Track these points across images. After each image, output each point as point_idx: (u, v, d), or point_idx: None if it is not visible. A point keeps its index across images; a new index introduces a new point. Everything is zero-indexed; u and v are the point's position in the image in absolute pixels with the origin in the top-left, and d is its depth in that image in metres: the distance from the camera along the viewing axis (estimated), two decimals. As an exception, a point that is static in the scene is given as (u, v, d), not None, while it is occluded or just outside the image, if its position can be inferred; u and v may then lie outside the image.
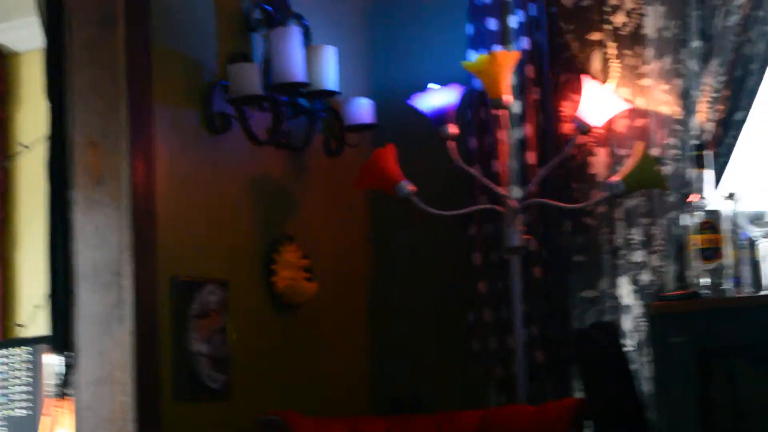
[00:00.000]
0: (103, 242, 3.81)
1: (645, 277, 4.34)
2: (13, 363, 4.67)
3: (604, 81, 4.40)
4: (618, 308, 4.35)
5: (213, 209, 4.12)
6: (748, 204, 3.80)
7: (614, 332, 4.07)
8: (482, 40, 4.61)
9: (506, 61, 4.23)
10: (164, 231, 3.88)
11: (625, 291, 4.35)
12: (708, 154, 3.81)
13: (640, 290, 4.34)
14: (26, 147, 5.87)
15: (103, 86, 3.82)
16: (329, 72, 4.35)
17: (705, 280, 3.73)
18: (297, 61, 4.20)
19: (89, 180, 3.84)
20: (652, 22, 4.39)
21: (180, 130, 4.02)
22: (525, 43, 4.55)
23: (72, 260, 3.84)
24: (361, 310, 4.82)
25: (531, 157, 4.49)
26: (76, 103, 3.86)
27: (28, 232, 6.05)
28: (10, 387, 4.65)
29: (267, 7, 4.35)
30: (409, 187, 4.28)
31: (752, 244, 3.85)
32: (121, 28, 3.83)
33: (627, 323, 4.33)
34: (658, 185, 4.19)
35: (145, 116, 3.87)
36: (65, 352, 3.82)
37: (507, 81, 4.25)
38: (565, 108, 4.49)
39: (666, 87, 4.36)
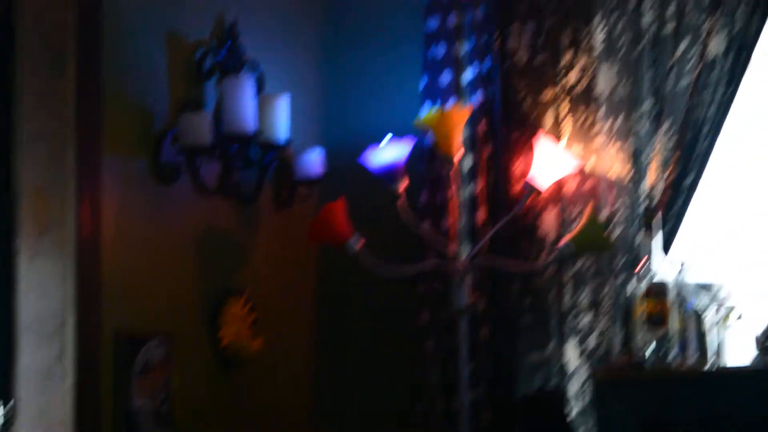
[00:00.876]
0: (46, 293, 3.75)
1: (592, 341, 4.33)
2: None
3: (556, 139, 4.40)
4: (565, 372, 4.33)
5: (160, 260, 4.07)
6: (696, 273, 3.82)
7: (560, 400, 4.06)
8: (435, 94, 4.60)
9: (458, 117, 4.23)
10: (110, 282, 3.83)
11: (572, 355, 4.33)
12: (655, 220, 3.83)
13: (586, 354, 4.32)
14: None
15: (51, 133, 3.76)
16: (281, 122, 4.33)
17: (650, 348, 3.74)
18: (248, 111, 4.17)
19: (34, 229, 3.78)
20: (605, 82, 4.39)
21: (128, 179, 3.97)
22: (478, 98, 4.54)
23: (15, 311, 3.78)
24: (306, 366, 4.77)
25: (481, 215, 4.48)
26: (23, 151, 3.80)
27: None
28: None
29: (220, 54, 4.32)
30: (359, 243, 4.25)
31: (697, 314, 3.87)
32: (72, 74, 3.77)
33: (573, 388, 4.31)
34: (606, 249, 4.18)
35: (93, 165, 3.82)
36: (4, 406, 3.76)
37: (458, 137, 4.24)
38: (517, 166, 4.47)
39: (617, 147, 4.36)
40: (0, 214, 3.84)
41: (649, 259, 3.88)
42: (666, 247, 4.19)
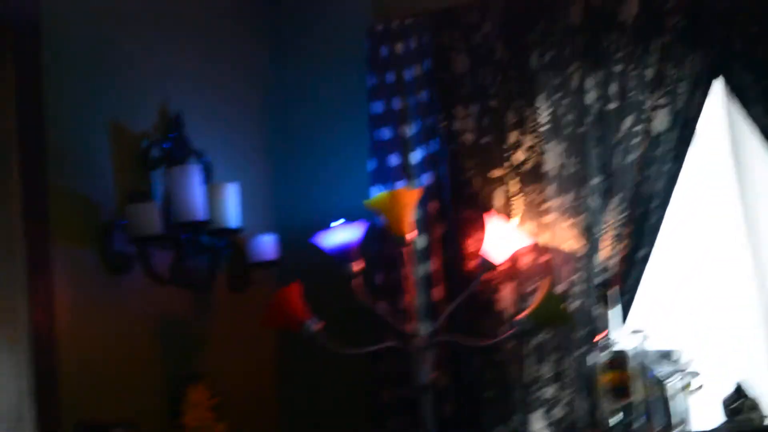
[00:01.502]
0: (2, 388, 3.68)
1: (557, 412, 4.31)
2: None
3: (507, 217, 4.41)
4: (531, 446, 4.32)
5: (117, 350, 4.00)
6: (655, 342, 3.83)
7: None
8: (384, 176, 4.63)
9: (407, 198, 4.24)
10: (67, 374, 3.76)
11: (538, 427, 4.31)
12: (611, 292, 3.84)
13: (552, 426, 4.31)
14: None
15: (-1, 230, 3.73)
16: (231, 209, 4.32)
17: (616, 418, 3.73)
18: (197, 200, 4.15)
19: (-14, 325, 3.72)
20: (553, 159, 4.43)
21: (80, 271, 3.92)
22: (427, 178, 4.56)
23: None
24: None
25: (438, 293, 4.48)
26: (-28, 247, 3.75)
27: None
28: None
29: (166, 144, 4.30)
30: (315, 325, 4.22)
31: (659, 382, 3.87)
32: (17, 170, 3.74)
33: (540, 460, 4.30)
34: (564, 322, 4.19)
35: (42, 259, 3.77)
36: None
37: (409, 218, 4.25)
38: (470, 244, 4.49)
39: (569, 223, 4.38)
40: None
41: (608, 330, 3.88)
42: (624, 318, 4.20)
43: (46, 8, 3.90)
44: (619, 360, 3.82)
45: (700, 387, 3.96)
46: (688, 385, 3.92)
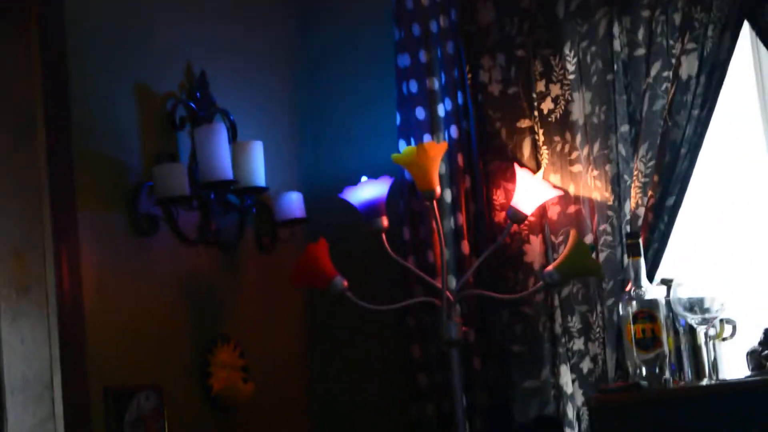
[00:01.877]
0: (31, 354, 3.69)
1: (586, 365, 4.29)
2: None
3: (534, 168, 4.38)
4: (560, 398, 4.29)
5: (144, 313, 4.01)
6: (686, 290, 3.79)
7: (558, 426, 4.02)
8: (411, 130, 4.59)
9: (434, 152, 4.20)
10: (95, 339, 3.77)
11: (567, 380, 4.29)
12: (638, 241, 3.81)
13: (581, 379, 4.29)
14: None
15: (25, 195, 3.72)
16: (257, 168, 4.30)
17: (645, 369, 3.71)
18: (223, 159, 4.15)
19: (14, 290, 3.73)
20: (580, 108, 4.38)
21: (106, 234, 3.93)
22: (454, 131, 4.53)
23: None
24: (300, 409, 4.71)
25: (465, 247, 4.45)
26: (-3, 213, 3.77)
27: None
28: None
29: (191, 104, 4.29)
30: (343, 282, 4.21)
31: (692, 330, 3.84)
32: (41, 135, 3.74)
33: (570, 413, 4.27)
34: (593, 273, 4.15)
35: (69, 223, 3.77)
36: (-8, 471, 3.70)
37: (436, 172, 4.21)
38: (497, 196, 4.46)
39: (596, 173, 4.34)
40: (-21, 277, 3.81)
41: (636, 280, 3.85)
42: (653, 268, 4.17)
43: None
44: (646, 310, 3.78)
45: (733, 335, 3.92)
46: (720, 333, 3.88)
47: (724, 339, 3.91)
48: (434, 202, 4.26)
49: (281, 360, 4.62)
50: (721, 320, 3.88)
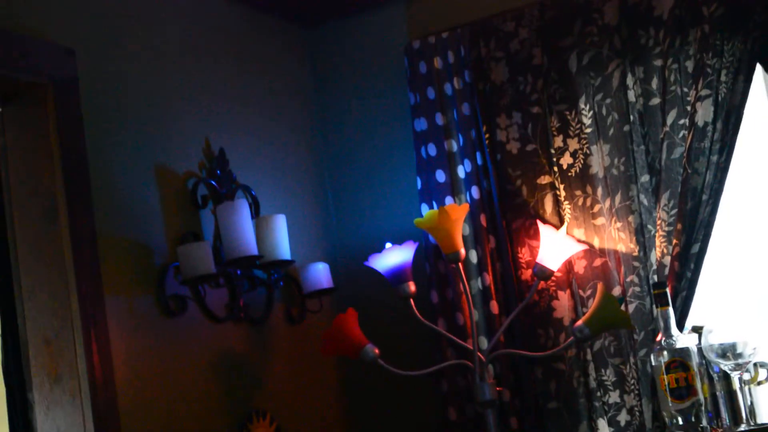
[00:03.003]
0: (66, 442, 3.72)
1: (623, 418, 4.26)
2: None
3: (558, 223, 4.38)
4: (600, 453, 4.28)
5: (178, 393, 4.02)
6: (717, 337, 3.77)
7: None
8: (432, 193, 4.60)
9: (456, 214, 4.20)
10: (129, 424, 3.78)
11: (605, 434, 4.27)
12: (665, 291, 3.80)
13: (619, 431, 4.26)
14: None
15: (52, 283, 3.76)
16: (281, 241, 4.32)
17: (681, 418, 3.69)
18: (247, 235, 4.17)
19: (47, 380, 3.76)
20: (599, 161, 4.38)
21: (135, 317, 3.94)
22: (475, 192, 4.54)
23: (35, 463, 3.73)
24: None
25: (494, 307, 4.45)
26: (26, 302, 3.79)
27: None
28: None
29: (212, 182, 4.32)
30: (374, 350, 4.21)
31: (726, 376, 3.82)
32: (65, 222, 3.78)
33: (610, 467, 4.25)
34: (623, 325, 4.13)
35: (97, 309, 3.80)
36: None
37: (459, 234, 4.22)
38: (523, 254, 4.46)
39: (620, 225, 4.34)
40: (11, 367, 3.83)
41: (666, 330, 3.83)
42: (683, 316, 4.14)
43: (82, 61, 3.94)
44: (678, 359, 3.76)
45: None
46: (755, 377, 3.85)
47: (759, 383, 3.88)
48: (460, 264, 4.26)
49: (317, 429, 4.60)
50: (755, 364, 3.85)
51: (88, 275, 3.80)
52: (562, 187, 4.43)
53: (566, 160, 4.44)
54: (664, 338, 3.83)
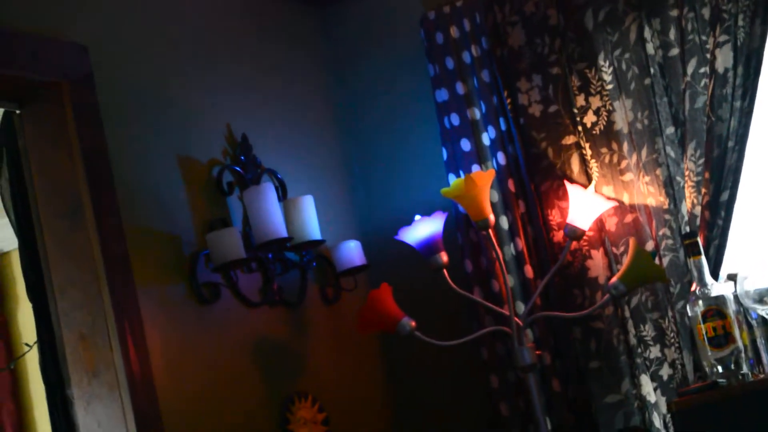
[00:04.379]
0: (108, 436, 3.73)
1: (665, 372, 4.24)
2: None
3: (586, 183, 4.35)
4: (644, 408, 4.23)
5: (217, 381, 4.02)
6: (753, 282, 3.73)
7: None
8: (458, 162, 4.58)
9: (482, 181, 4.18)
10: (169, 414, 3.78)
11: (649, 389, 4.23)
12: (697, 240, 3.77)
13: (663, 386, 4.23)
14: (30, 346, 5.78)
15: (82, 279, 3.77)
16: (310, 222, 4.32)
17: (722, 367, 3.66)
18: (275, 218, 4.16)
19: (85, 375, 3.77)
20: (622, 117, 4.35)
21: (168, 307, 3.95)
22: (501, 158, 4.52)
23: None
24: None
25: (529, 271, 4.43)
26: (58, 300, 3.80)
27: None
28: None
29: (237, 168, 4.32)
30: (410, 323, 4.19)
31: (765, 322, 3.78)
32: (90, 218, 3.78)
33: (656, 422, 4.21)
34: (658, 279, 4.10)
35: (129, 301, 3.81)
36: None
37: (487, 200, 4.20)
38: (553, 216, 4.43)
39: (648, 179, 4.30)
40: (49, 364, 3.85)
41: (701, 279, 3.80)
42: (717, 265, 4.11)
43: (96, 57, 3.94)
44: (714, 307, 3.73)
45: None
46: (793, 320, 3.81)
47: (799, 325, 3.83)
48: (491, 231, 4.24)
49: (361, 407, 4.60)
50: (794, 306, 3.81)
51: (118, 269, 3.81)
52: (587, 145, 4.40)
53: (590, 119, 4.41)
54: (698, 288, 3.80)
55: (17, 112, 3.88)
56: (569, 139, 4.44)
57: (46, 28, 3.84)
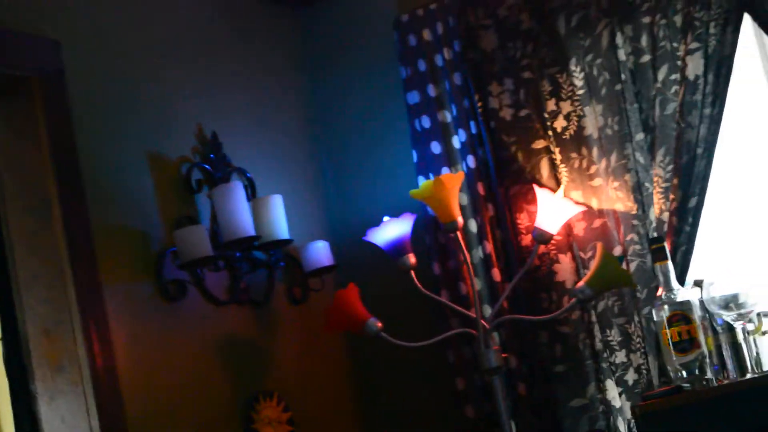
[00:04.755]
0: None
1: (630, 377, 4.25)
2: None
3: (555, 187, 4.36)
4: (609, 413, 4.24)
5: (182, 379, 4.01)
6: (719, 288, 3.74)
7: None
8: (428, 165, 4.58)
9: (451, 183, 4.17)
10: (133, 410, 3.78)
11: (614, 394, 4.24)
12: (663, 245, 3.79)
13: (627, 391, 4.24)
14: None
15: (48, 274, 3.76)
16: (279, 221, 4.31)
17: (686, 372, 3.68)
18: (243, 216, 4.16)
19: (48, 370, 3.75)
20: (593, 122, 4.36)
21: (134, 304, 3.94)
22: (471, 161, 4.52)
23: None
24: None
25: (496, 275, 4.44)
26: (23, 295, 3.79)
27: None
28: None
29: (206, 166, 4.31)
30: (377, 324, 4.19)
31: (730, 328, 3.79)
32: (58, 214, 3.77)
33: (621, 427, 4.22)
34: (624, 283, 4.11)
35: (94, 298, 3.80)
36: None
37: (455, 203, 4.19)
38: (521, 220, 4.44)
39: (617, 184, 4.31)
40: (12, 360, 3.83)
41: (667, 284, 3.81)
42: (684, 271, 4.13)
43: (69, 53, 3.93)
44: (680, 312, 3.74)
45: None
46: (758, 327, 3.82)
47: (764, 333, 3.85)
48: (459, 234, 4.24)
49: (327, 407, 4.61)
50: (758, 314, 3.82)
51: (84, 264, 3.80)
52: (557, 150, 4.41)
53: (560, 123, 4.42)
54: (664, 292, 3.81)
55: (-14, 105, 3.87)
56: (539, 144, 4.45)
57: (18, 22, 3.82)
